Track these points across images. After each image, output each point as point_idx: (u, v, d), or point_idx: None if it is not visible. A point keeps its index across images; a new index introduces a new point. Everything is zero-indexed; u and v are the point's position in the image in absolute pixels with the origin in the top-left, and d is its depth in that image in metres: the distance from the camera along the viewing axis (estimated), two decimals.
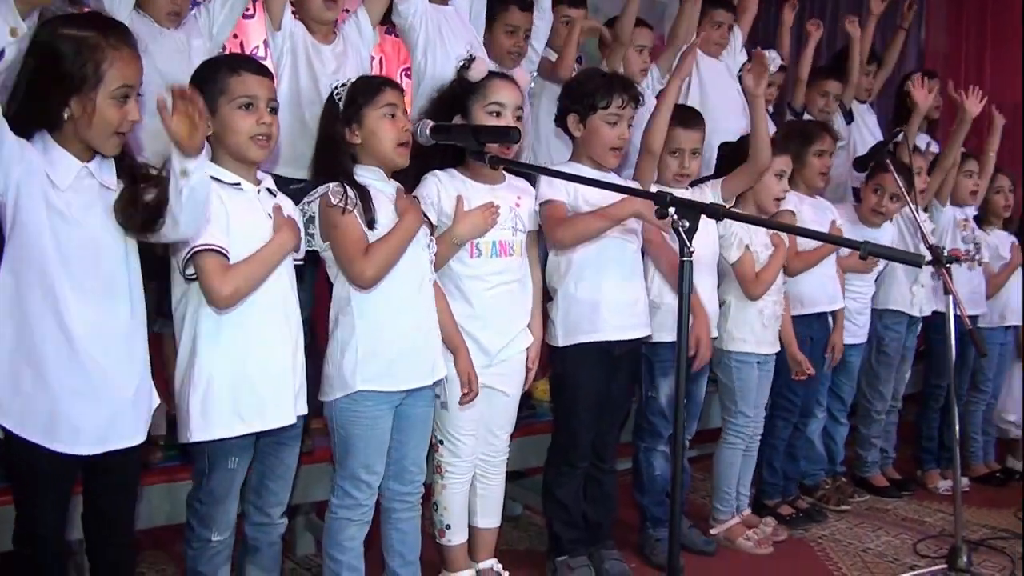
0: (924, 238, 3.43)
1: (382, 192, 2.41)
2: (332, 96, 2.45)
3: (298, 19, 2.89)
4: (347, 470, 2.42)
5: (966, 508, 3.48)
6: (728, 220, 3.07)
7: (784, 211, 3.39)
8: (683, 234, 1.80)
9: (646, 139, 2.97)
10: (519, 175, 2.81)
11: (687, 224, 1.80)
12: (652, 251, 3.04)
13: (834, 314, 3.64)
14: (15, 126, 1.85)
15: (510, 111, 2.62)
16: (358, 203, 2.33)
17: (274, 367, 2.21)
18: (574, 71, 3.52)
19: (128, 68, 1.91)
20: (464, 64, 2.66)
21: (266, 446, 2.28)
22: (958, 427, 3.18)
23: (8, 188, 1.86)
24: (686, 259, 1.80)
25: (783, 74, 4.33)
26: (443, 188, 2.61)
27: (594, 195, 2.76)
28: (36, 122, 1.89)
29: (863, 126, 4.63)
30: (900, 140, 3.83)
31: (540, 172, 2.85)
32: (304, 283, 2.49)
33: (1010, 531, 3.58)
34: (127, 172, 2.00)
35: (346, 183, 2.34)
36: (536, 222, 2.79)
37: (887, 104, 4.96)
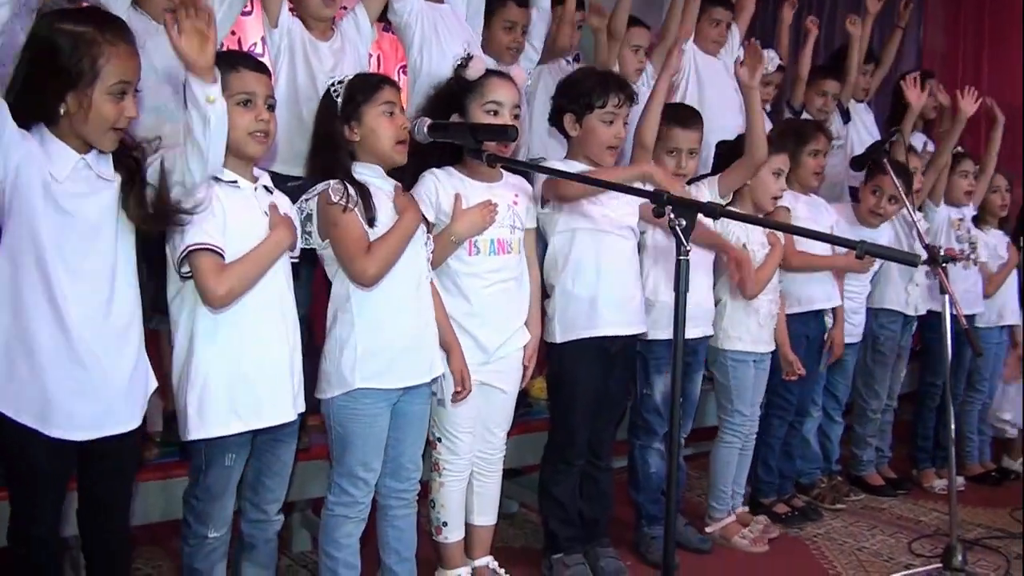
0: (920, 237, 3.44)
1: (381, 190, 2.41)
2: (329, 93, 2.44)
3: (296, 16, 2.88)
4: (344, 467, 2.42)
5: (961, 507, 3.49)
6: (725, 219, 3.08)
7: (779, 208, 3.39)
8: (680, 233, 1.80)
9: (638, 133, 2.98)
10: (517, 173, 2.81)
11: (684, 223, 1.80)
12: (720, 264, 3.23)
13: (834, 311, 3.64)
14: (13, 118, 1.84)
15: (507, 109, 2.62)
16: (359, 201, 2.33)
17: (270, 365, 2.21)
18: (574, 47, 3.61)
19: (125, 64, 1.90)
20: (461, 63, 2.65)
21: (263, 443, 2.28)
22: (954, 426, 3.19)
23: (7, 175, 1.85)
24: (683, 258, 1.80)
25: (781, 74, 4.31)
26: (441, 186, 2.61)
27: (590, 192, 2.75)
28: (33, 115, 1.89)
29: (860, 125, 4.62)
30: (896, 140, 3.84)
31: (538, 170, 2.85)
32: (300, 281, 2.48)
33: (1005, 530, 3.59)
34: (124, 164, 2.00)
35: (345, 181, 2.34)
36: (534, 220, 2.80)
37: (885, 103, 4.96)
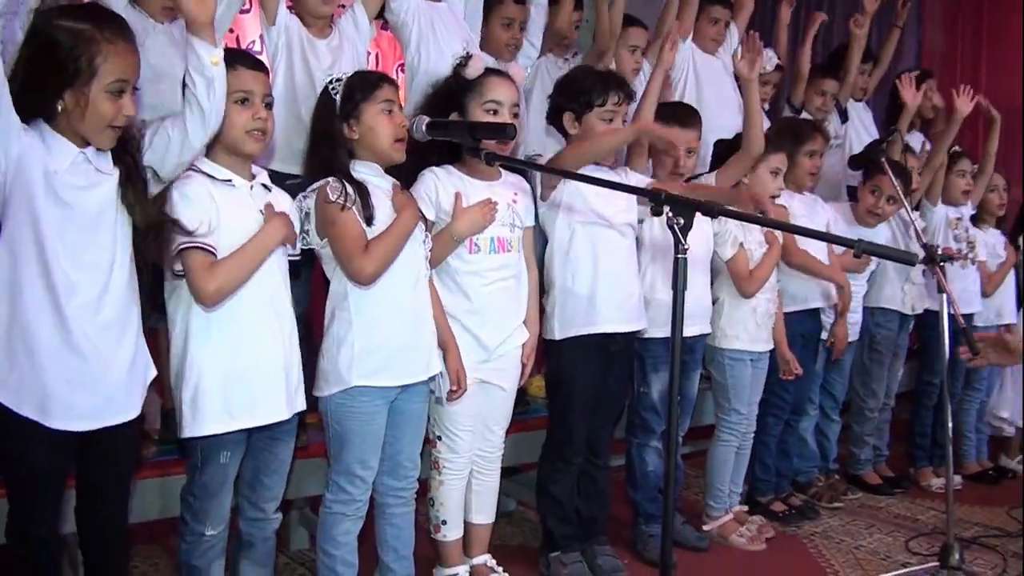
0: (918, 236, 3.44)
1: (379, 188, 2.41)
2: (327, 90, 2.44)
3: (294, 14, 2.88)
4: (341, 465, 2.42)
5: (959, 506, 3.50)
6: (723, 217, 3.08)
7: (777, 207, 3.38)
8: (678, 231, 1.80)
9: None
10: (515, 171, 2.81)
11: (682, 221, 1.80)
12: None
13: (836, 307, 3.63)
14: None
15: (507, 108, 2.62)
16: (356, 199, 2.33)
17: (265, 363, 2.20)
18: (573, 28, 3.67)
19: (123, 62, 1.90)
20: (461, 62, 2.65)
21: (260, 441, 2.28)
22: (951, 425, 3.19)
23: (8, 165, 1.85)
24: (681, 256, 1.80)
25: (779, 73, 4.32)
26: (441, 184, 2.60)
27: (589, 189, 2.76)
28: (32, 111, 1.89)
29: (859, 124, 4.63)
30: (894, 139, 3.84)
31: (536, 169, 2.85)
32: (300, 279, 2.48)
33: (1002, 529, 3.59)
34: (123, 161, 2.00)
35: (344, 179, 2.34)
36: (532, 218, 2.80)
37: (883, 102, 4.96)
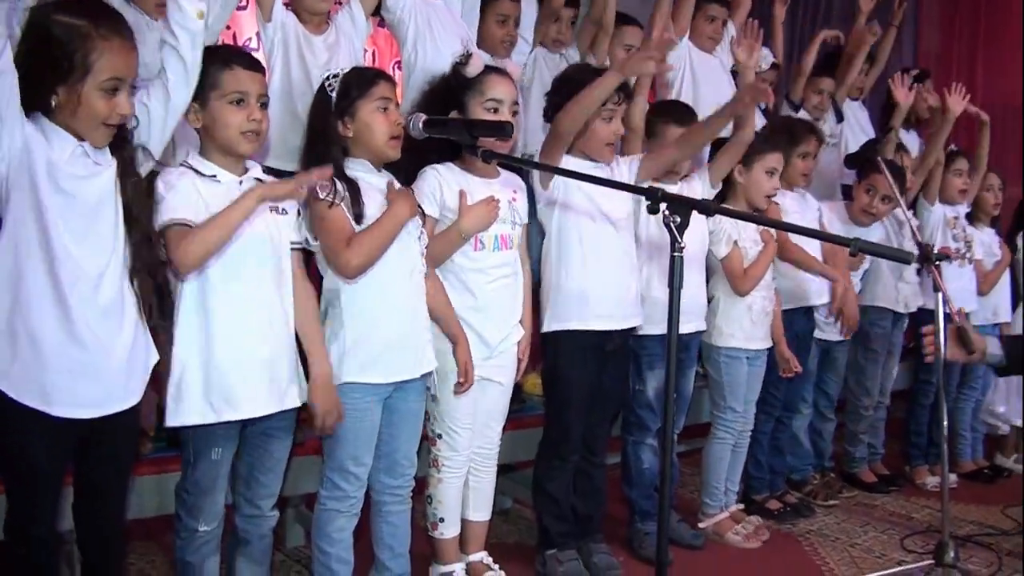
0: (914, 235, 3.44)
1: (372, 186, 2.40)
2: (324, 87, 2.43)
3: (290, 10, 2.88)
4: (335, 462, 2.42)
5: (954, 504, 3.50)
6: (718, 215, 3.08)
7: (772, 206, 3.39)
8: (674, 230, 1.80)
9: (627, 118, 2.98)
10: (512, 170, 2.81)
11: (678, 219, 1.81)
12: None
13: (831, 288, 3.59)
14: None
15: (507, 107, 2.61)
16: (346, 196, 2.32)
17: (247, 357, 2.17)
18: (569, 25, 3.74)
19: (119, 60, 1.89)
20: (461, 60, 2.65)
21: (253, 437, 2.26)
22: (947, 423, 3.19)
23: (12, 153, 1.85)
24: (677, 254, 1.81)
25: (775, 71, 4.32)
26: (445, 182, 2.60)
27: (588, 186, 2.77)
28: (30, 105, 1.89)
29: (855, 124, 4.64)
30: (887, 138, 3.84)
31: (534, 167, 2.85)
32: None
33: (997, 527, 3.60)
34: (121, 155, 2.00)
35: (335, 176, 2.33)
36: (526, 215, 2.79)
37: (880, 101, 4.96)
